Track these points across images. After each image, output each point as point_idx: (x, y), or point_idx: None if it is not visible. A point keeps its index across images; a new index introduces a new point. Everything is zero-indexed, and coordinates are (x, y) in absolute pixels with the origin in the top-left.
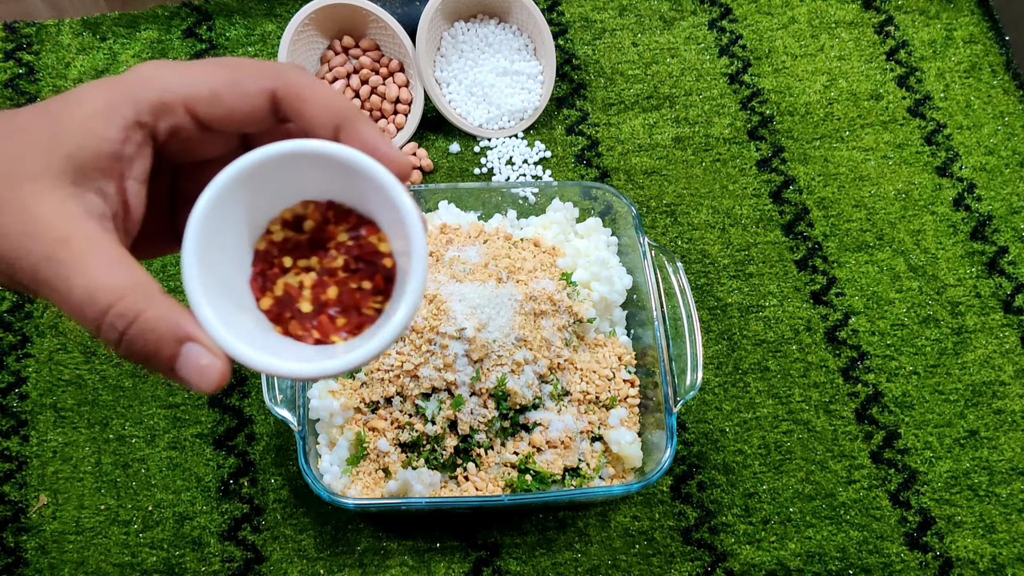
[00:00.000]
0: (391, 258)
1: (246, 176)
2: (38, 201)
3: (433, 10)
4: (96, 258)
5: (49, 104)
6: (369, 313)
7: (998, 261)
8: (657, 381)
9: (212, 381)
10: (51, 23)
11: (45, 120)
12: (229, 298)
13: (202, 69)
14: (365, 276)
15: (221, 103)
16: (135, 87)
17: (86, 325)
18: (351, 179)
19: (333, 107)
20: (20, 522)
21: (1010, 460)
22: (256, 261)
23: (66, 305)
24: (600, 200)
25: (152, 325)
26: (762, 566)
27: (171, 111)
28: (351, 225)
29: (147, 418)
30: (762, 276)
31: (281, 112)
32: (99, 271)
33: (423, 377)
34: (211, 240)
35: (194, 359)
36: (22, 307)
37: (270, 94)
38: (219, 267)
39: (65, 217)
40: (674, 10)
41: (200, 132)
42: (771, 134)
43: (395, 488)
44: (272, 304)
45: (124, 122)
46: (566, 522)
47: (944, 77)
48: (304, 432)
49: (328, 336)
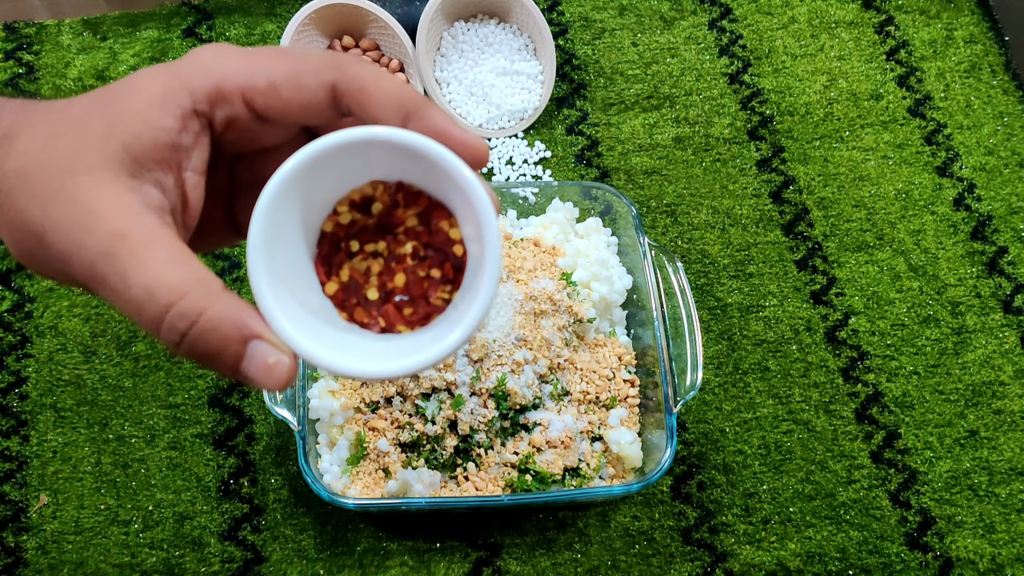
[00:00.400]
0: (461, 245)
1: (312, 165)
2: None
3: (433, 10)
4: (155, 253)
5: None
6: (437, 303)
7: (998, 261)
8: (657, 381)
9: (280, 379)
10: (51, 23)
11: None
12: (294, 288)
13: (261, 59)
14: (434, 264)
15: (279, 95)
16: (191, 74)
17: (144, 325)
18: (421, 164)
19: (399, 98)
20: (20, 522)
21: (1010, 460)
22: (322, 243)
23: (123, 303)
24: (600, 200)
25: (215, 324)
26: (762, 566)
27: (228, 100)
28: (421, 209)
29: (147, 418)
30: (762, 276)
31: (343, 105)
32: (158, 267)
33: (423, 377)
34: (276, 230)
35: (261, 358)
36: (22, 307)
37: (330, 88)
38: (284, 254)
39: (123, 210)
40: (674, 10)
41: (258, 122)
42: (771, 134)
43: (395, 488)
44: (338, 289)
45: (181, 111)
46: (566, 522)
47: (944, 77)
48: (304, 432)
49: (394, 325)
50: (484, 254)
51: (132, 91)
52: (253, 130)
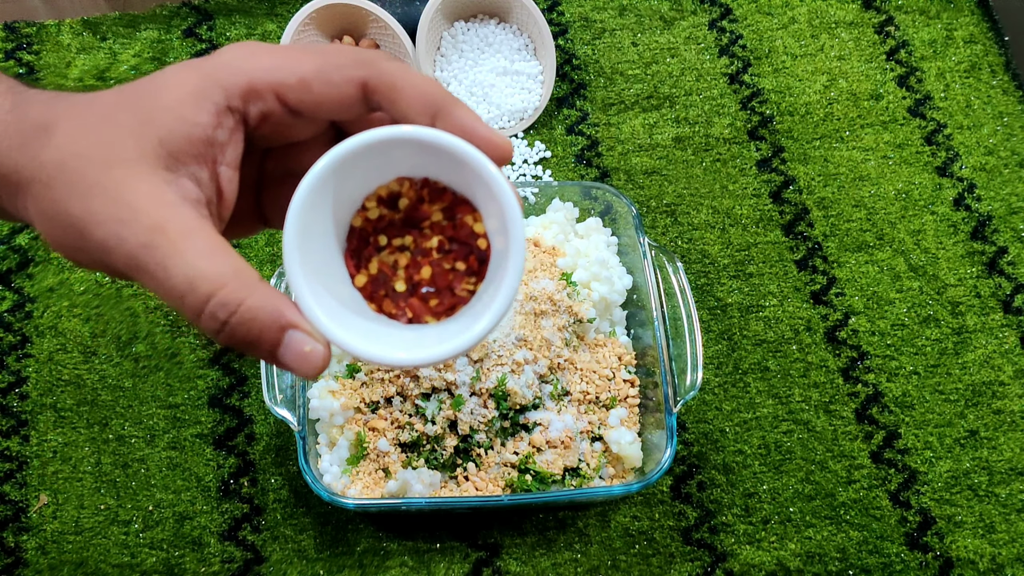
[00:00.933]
0: (485, 239)
1: (343, 163)
2: (133, 187)
3: (433, 10)
4: (194, 245)
5: (134, 88)
6: (462, 294)
7: (998, 261)
8: (657, 381)
9: (315, 366)
10: (51, 23)
11: (133, 104)
12: (326, 280)
13: (291, 56)
14: (459, 257)
15: (310, 91)
16: (224, 72)
17: (185, 313)
18: (447, 161)
19: (427, 96)
20: (20, 522)
21: (1009, 460)
22: (351, 237)
23: (165, 293)
24: (600, 200)
25: (254, 314)
26: (762, 566)
27: (261, 97)
28: (446, 204)
29: (147, 418)
30: (762, 276)
31: (373, 101)
32: (198, 259)
33: (423, 377)
34: (309, 225)
35: (297, 346)
36: (22, 307)
37: (361, 84)
38: (316, 249)
39: (161, 203)
40: (674, 10)
41: (290, 117)
42: (771, 134)
43: (395, 488)
44: (367, 282)
45: (215, 107)
46: (566, 522)
47: (944, 77)
48: (304, 432)
49: (421, 316)
50: (509, 246)
51: (164, 88)
52: (285, 125)
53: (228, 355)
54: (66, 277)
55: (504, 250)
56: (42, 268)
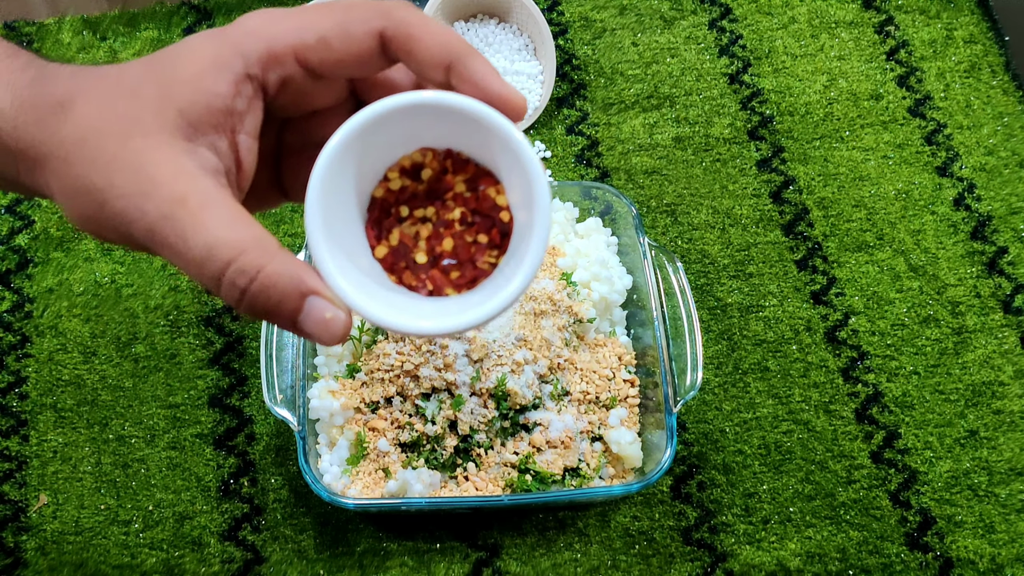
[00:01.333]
0: (508, 212)
1: (363, 131)
2: (152, 159)
3: (433, 10)
4: (213, 214)
5: (156, 59)
6: (484, 267)
7: (998, 261)
8: (657, 381)
9: (336, 334)
10: (51, 21)
11: (153, 76)
12: (346, 248)
13: (309, 16)
14: (481, 229)
15: (330, 49)
16: (243, 39)
17: (205, 282)
18: (470, 127)
19: (444, 44)
20: (20, 522)
21: (1009, 460)
22: (372, 208)
23: (184, 263)
24: (600, 200)
25: (274, 280)
26: (762, 566)
27: (280, 62)
28: (469, 176)
29: (147, 418)
30: (762, 276)
31: (391, 52)
32: (217, 227)
33: (423, 377)
34: (330, 195)
35: (318, 313)
36: (22, 307)
37: (379, 35)
38: (337, 218)
39: (180, 174)
40: (674, 10)
41: (310, 81)
42: (771, 134)
43: (395, 488)
44: (387, 253)
45: (234, 76)
46: (566, 522)
47: (944, 77)
48: (304, 432)
49: (442, 289)
50: (534, 216)
51: (184, 57)
52: (305, 91)
53: (228, 355)
54: (65, 277)
55: (528, 222)
56: (42, 268)
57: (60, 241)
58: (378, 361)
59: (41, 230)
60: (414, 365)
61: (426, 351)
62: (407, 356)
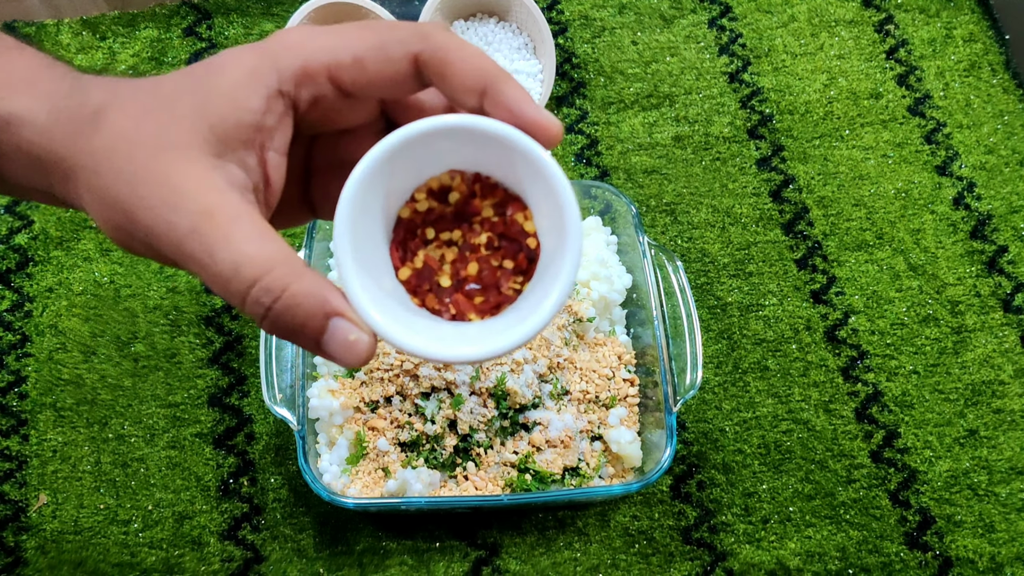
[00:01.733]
0: (535, 239)
1: (394, 153)
2: (181, 173)
3: (432, 8)
4: (240, 231)
5: (194, 71)
6: (508, 293)
7: (998, 260)
8: (657, 380)
9: (359, 356)
10: (50, 23)
11: (189, 89)
12: (371, 269)
13: (346, 35)
14: (508, 255)
15: (365, 70)
16: (280, 53)
17: (230, 299)
18: (500, 152)
19: (478, 70)
20: (20, 521)
21: (1009, 459)
22: (398, 228)
23: (210, 278)
24: (600, 199)
25: (299, 300)
26: (762, 566)
27: (313, 79)
28: (497, 200)
29: (146, 417)
30: (762, 275)
31: (425, 76)
32: (244, 244)
33: (423, 376)
34: (359, 213)
35: (342, 335)
36: (22, 306)
37: (414, 58)
38: (364, 238)
39: (209, 189)
40: (674, 8)
41: (341, 100)
42: (771, 133)
43: (394, 487)
44: (411, 275)
45: (266, 91)
46: (566, 522)
47: (944, 76)
48: (304, 431)
49: (465, 313)
50: (565, 243)
51: (221, 71)
52: (336, 109)
53: (227, 354)
54: (65, 277)
55: (556, 249)
56: (41, 268)
57: (60, 241)
58: (378, 360)
59: (41, 230)
60: (413, 364)
61: None
62: (407, 356)
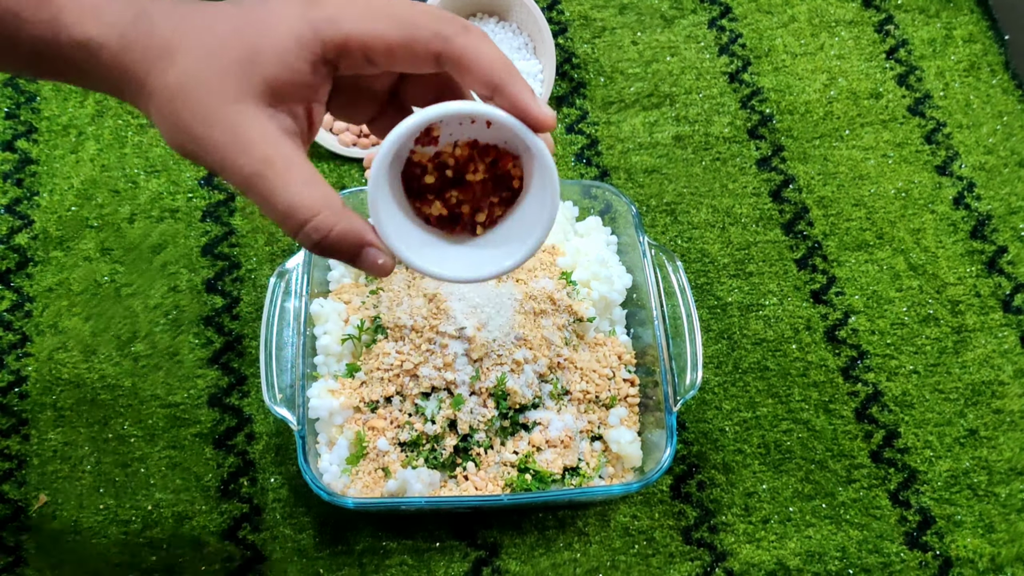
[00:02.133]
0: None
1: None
2: (245, 121)
3: None
4: (294, 177)
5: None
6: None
7: (997, 260)
8: (657, 380)
9: (384, 271)
10: None
11: (242, 38)
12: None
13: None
14: (499, 187)
15: (393, 57)
16: (323, 26)
17: (285, 230)
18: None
19: (491, 70)
20: (20, 521)
21: (1009, 460)
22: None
23: (268, 212)
24: (600, 199)
25: (342, 237)
26: (762, 565)
27: (350, 54)
28: (491, 158)
29: (146, 417)
30: (762, 275)
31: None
32: (297, 188)
33: (423, 376)
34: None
35: (372, 258)
36: (22, 306)
37: (436, 56)
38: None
39: (268, 137)
40: (674, 8)
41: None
42: (771, 133)
43: (394, 487)
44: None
45: (314, 57)
46: (566, 522)
47: (944, 76)
48: (304, 431)
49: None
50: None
51: (271, 28)
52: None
53: (228, 354)
54: (65, 276)
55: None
56: (42, 267)
57: (60, 241)
58: (377, 360)
59: (41, 230)
60: (414, 364)
61: (425, 350)
62: (406, 355)
